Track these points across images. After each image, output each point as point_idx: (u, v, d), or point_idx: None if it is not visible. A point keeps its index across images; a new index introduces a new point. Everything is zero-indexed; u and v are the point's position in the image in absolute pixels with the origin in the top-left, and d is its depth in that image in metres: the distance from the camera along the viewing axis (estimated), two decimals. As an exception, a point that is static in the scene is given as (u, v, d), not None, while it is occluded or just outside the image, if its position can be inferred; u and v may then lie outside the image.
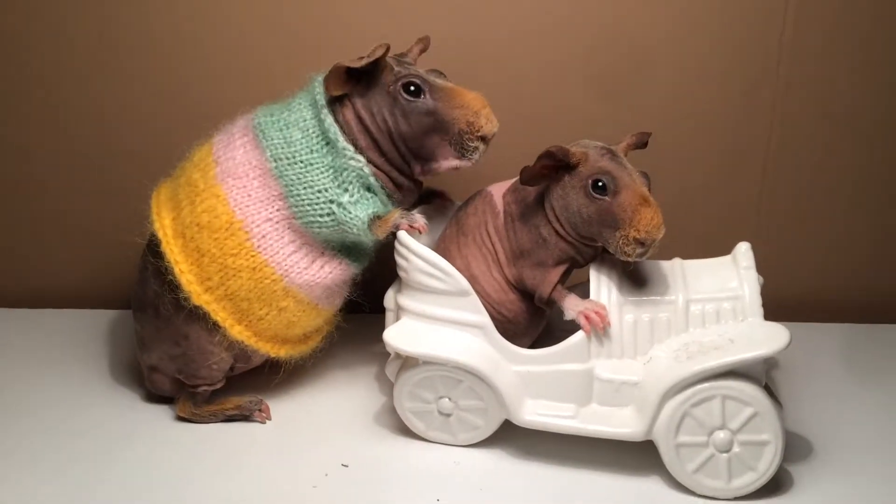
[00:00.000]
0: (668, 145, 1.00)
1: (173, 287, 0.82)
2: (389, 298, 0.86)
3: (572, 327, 0.79)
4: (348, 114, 0.81)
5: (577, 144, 0.79)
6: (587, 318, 0.78)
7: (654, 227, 0.75)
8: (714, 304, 0.78)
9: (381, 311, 0.87)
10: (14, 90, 1.00)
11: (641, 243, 0.75)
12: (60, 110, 1.00)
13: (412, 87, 0.80)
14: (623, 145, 0.81)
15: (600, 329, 0.78)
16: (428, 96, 0.80)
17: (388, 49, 0.79)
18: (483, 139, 0.80)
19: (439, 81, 0.81)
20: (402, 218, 0.81)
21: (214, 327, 0.82)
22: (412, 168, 0.82)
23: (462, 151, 0.80)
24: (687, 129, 0.99)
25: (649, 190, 0.78)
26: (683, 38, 0.97)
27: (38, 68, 0.99)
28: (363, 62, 0.78)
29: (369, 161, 0.81)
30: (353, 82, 0.80)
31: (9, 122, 1.01)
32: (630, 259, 0.77)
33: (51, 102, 1.00)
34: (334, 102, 0.81)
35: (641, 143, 0.82)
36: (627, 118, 0.98)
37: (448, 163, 0.81)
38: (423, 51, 0.85)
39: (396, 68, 0.81)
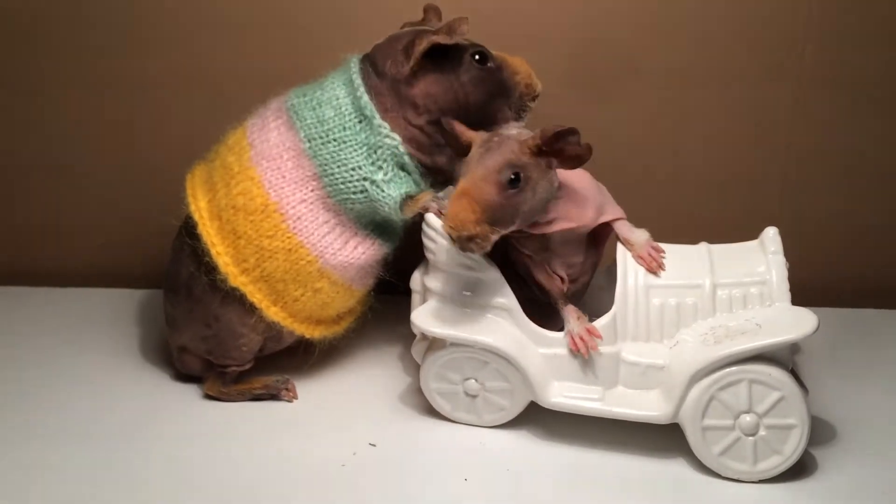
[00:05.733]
0: (693, 129, 1.00)
1: (209, 269, 0.82)
2: (416, 280, 0.86)
3: (599, 311, 0.79)
4: (383, 89, 0.81)
5: None
6: (573, 340, 0.78)
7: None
8: (741, 289, 0.78)
9: (413, 291, 0.87)
10: (50, 75, 1.00)
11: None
12: (97, 92, 1.00)
13: (481, 56, 0.81)
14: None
15: (584, 354, 0.78)
16: (492, 64, 0.82)
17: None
18: (534, 99, 0.83)
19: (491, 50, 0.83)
20: (433, 201, 0.81)
21: (250, 309, 0.83)
22: None
23: (519, 113, 0.83)
24: (711, 114, 0.99)
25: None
26: (708, 18, 0.96)
27: (70, 46, 0.99)
28: (453, 39, 0.79)
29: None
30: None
31: (44, 105, 1.01)
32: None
33: (87, 84, 1.00)
34: (368, 81, 0.81)
35: None
36: (651, 99, 0.98)
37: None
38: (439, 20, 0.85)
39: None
